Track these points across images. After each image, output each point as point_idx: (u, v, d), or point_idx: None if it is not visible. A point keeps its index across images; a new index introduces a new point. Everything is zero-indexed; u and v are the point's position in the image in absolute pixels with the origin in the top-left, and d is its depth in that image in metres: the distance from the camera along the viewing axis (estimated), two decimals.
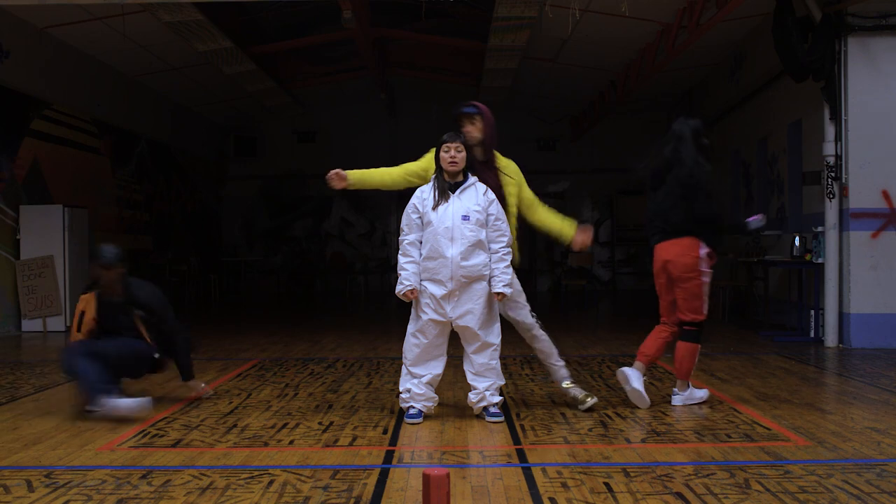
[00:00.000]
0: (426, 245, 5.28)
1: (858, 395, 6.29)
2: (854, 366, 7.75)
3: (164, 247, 16.39)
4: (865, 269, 8.90)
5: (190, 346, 6.10)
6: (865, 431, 5.02)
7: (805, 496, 3.76)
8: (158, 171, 16.26)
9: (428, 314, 5.27)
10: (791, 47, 8.98)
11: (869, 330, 8.87)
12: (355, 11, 10.77)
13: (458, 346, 5.48)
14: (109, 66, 13.29)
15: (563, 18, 10.25)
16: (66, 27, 11.26)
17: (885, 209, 8.92)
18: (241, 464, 4.40)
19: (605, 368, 7.58)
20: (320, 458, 4.52)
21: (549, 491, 3.87)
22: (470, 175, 5.38)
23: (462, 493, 3.82)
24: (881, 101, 8.95)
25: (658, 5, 10.27)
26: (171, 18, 10.74)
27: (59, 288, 11.20)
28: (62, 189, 12.23)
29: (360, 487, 3.95)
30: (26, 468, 4.35)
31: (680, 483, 3.97)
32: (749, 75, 12.13)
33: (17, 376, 7.44)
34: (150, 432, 5.14)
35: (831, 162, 9.06)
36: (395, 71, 16.60)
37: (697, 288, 5.54)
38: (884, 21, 8.91)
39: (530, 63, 14.01)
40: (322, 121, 19.59)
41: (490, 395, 5.36)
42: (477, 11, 12.03)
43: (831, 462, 4.34)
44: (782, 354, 8.43)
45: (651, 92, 15.56)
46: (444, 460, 4.44)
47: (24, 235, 11.19)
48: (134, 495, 3.84)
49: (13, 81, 10.97)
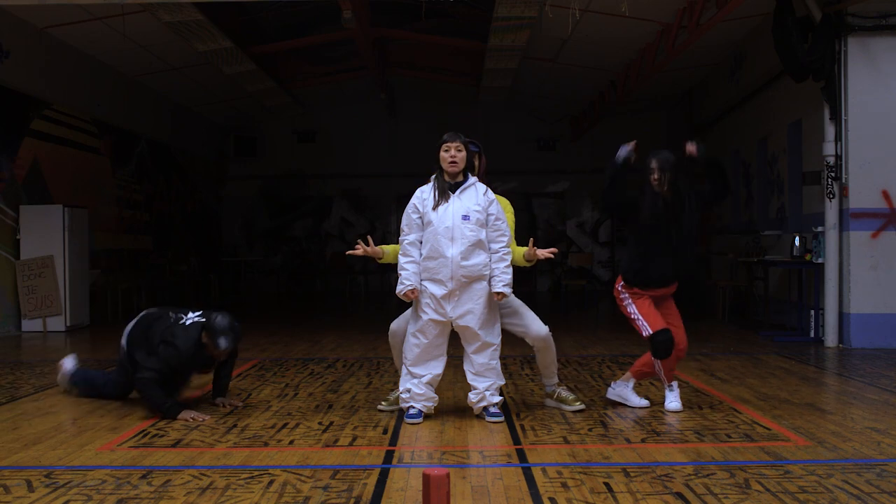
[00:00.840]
0: (426, 245, 5.29)
1: (858, 395, 6.30)
2: (854, 366, 7.76)
3: (164, 247, 16.39)
4: (865, 269, 8.91)
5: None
6: (865, 431, 5.03)
7: (805, 496, 3.76)
8: (158, 171, 16.27)
9: (428, 314, 5.27)
10: (791, 47, 8.99)
11: (869, 330, 8.88)
12: (355, 11, 10.77)
13: (458, 346, 5.49)
14: (109, 66, 13.29)
15: (563, 18, 10.25)
16: (66, 27, 11.27)
17: (885, 209, 8.93)
18: (241, 464, 4.40)
19: (605, 368, 7.58)
20: (320, 458, 4.52)
21: (549, 491, 3.87)
22: (470, 175, 5.38)
23: (462, 493, 3.83)
24: (881, 101, 8.95)
25: (658, 5, 10.27)
26: (171, 18, 10.74)
27: (58, 288, 11.20)
28: (62, 189, 12.24)
29: (360, 487, 3.95)
30: (26, 468, 4.36)
31: (680, 483, 3.97)
32: (749, 75, 12.14)
33: (17, 376, 7.44)
34: (149, 432, 5.14)
35: (831, 162, 9.06)
36: (395, 71, 16.60)
37: (625, 311, 5.68)
38: (884, 21, 8.92)
39: (530, 63, 14.01)
40: (322, 121, 19.60)
41: (490, 395, 5.37)
42: (477, 11, 12.03)
43: (831, 462, 4.34)
44: (782, 354, 8.44)
45: (651, 92, 15.56)
46: (444, 460, 4.44)
47: (24, 235, 11.20)
48: (134, 495, 3.85)
49: (13, 81, 10.98)
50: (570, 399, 5.69)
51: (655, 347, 5.52)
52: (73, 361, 6.39)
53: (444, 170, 5.31)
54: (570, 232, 19.99)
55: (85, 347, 9.77)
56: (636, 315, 5.59)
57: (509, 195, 6.25)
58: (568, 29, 10.64)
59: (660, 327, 5.50)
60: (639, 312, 5.58)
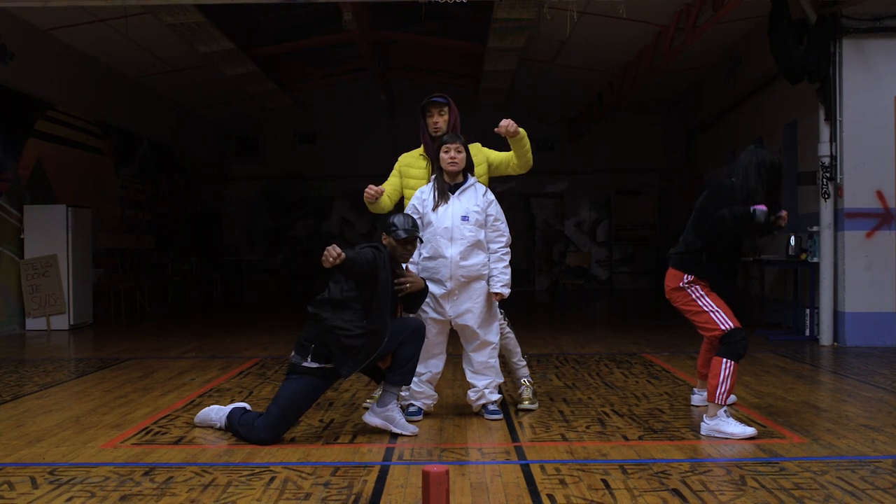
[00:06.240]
0: (427, 245, 5.33)
1: (853, 392, 6.35)
2: (849, 364, 7.81)
3: (167, 246, 16.44)
4: (860, 269, 8.96)
5: None
6: (860, 429, 5.07)
7: (800, 493, 3.79)
8: (161, 172, 16.32)
9: (427, 313, 5.33)
10: (787, 49, 9.05)
11: (863, 328, 8.93)
12: (355, 14, 10.83)
13: (458, 344, 5.53)
14: (112, 68, 13.34)
15: (561, 20, 10.30)
16: (70, 29, 11.31)
17: (879, 209, 8.98)
18: (242, 461, 4.44)
19: (603, 367, 7.63)
20: (321, 455, 4.56)
21: (547, 488, 3.90)
22: (469, 176, 5.43)
23: (461, 490, 3.86)
24: (875, 102, 9.00)
25: (655, 8, 10.31)
26: (174, 20, 10.79)
27: (62, 287, 11.26)
28: (66, 189, 12.30)
29: (361, 484, 3.99)
30: (30, 465, 4.39)
31: (676, 480, 4.01)
32: (745, 77, 12.19)
33: (22, 374, 7.49)
34: (152, 430, 5.19)
35: (826, 162, 9.12)
36: (395, 73, 16.65)
37: (694, 305, 5.17)
38: (878, 23, 8.97)
39: (529, 65, 14.06)
40: (322, 122, 19.64)
41: (489, 393, 5.41)
42: (476, 14, 12.08)
43: (826, 459, 4.38)
44: (778, 353, 8.49)
45: (648, 94, 15.62)
46: (443, 457, 4.48)
47: (28, 235, 11.26)
48: (137, 492, 3.88)
49: (17, 83, 11.03)
50: (525, 397, 5.72)
51: (736, 344, 4.95)
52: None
53: (443, 170, 5.35)
54: (568, 231, 20.05)
55: (88, 346, 9.84)
56: (712, 308, 5.04)
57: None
58: (566, 31, 10.69)
59: (738, 324, 5.05)
60: (715, 305, 5.06)
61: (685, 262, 5.18)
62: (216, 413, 5.14)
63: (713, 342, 5.19)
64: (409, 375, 5.02)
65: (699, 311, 5.11)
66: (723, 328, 5.01)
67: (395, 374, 4.97)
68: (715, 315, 5.05)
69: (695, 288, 5.13)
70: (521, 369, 5.77)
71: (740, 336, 4.98)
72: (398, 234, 4.99)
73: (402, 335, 4.96)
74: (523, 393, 5.71)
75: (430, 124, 5.56)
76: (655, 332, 10.49)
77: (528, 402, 5.68)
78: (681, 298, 5.19)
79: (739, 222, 4.92)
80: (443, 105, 5.54)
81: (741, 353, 4.95)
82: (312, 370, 4.84)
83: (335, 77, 16.45)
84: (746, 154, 5.17)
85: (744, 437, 4.81)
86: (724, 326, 5.01)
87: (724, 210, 4.97)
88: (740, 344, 4.95)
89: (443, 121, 5.53)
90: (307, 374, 4.85)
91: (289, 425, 4.93)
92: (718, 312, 5.05)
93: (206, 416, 5.20)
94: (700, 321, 5.13)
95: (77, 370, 7.84)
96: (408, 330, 5.00)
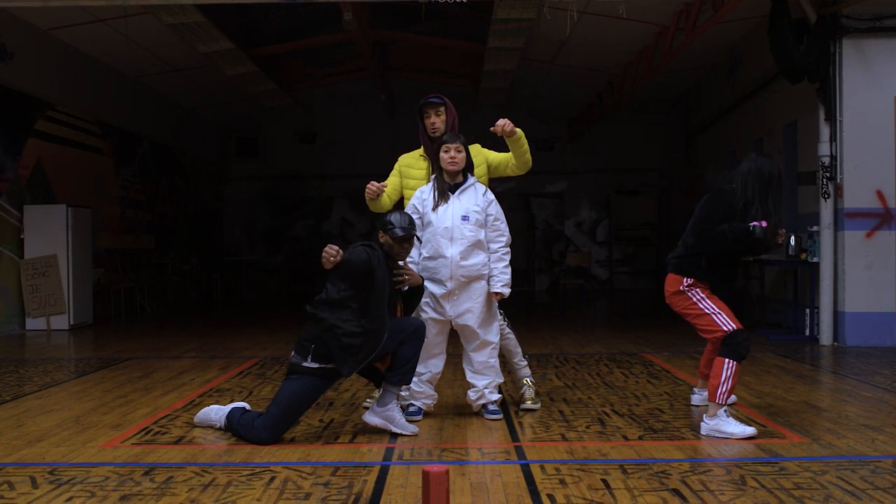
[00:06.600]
0: (427, 245, 5.34)
1: (853, 392, 6.35)
2: (849, 364, 7.81)
3: (167, 246, 16.45)
4: (860, 268, 8.97)
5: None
6: (860, 429, 5.07)
7: (800, 493, 3.79)
8: (161, 172, 16.33)
9: (427, 313, 5.33)
10: (787, 49, 9.05)
11: (863, 328, 8.94)
12: (355, 14, 10.83)
13: (458, 344, 5.54)
14: (112, 68, 13.34)
15: (561, 20, 10.30)
16: (70, 29, 11.32)
17: (879, 209, 8.99)
18: (242, 461, 4.44)
19: (603, 367, 7.64)
20: (321, 455, 4.56)
21: (547, 488, 3.91)
22: (469, 175, 5.43)
23: (461, 490, 3.86)
24: (875, 102, 9.00)
25: (655, 8, 10.32)
26: (173, 20, 10.79)
27: (62, 287, 11.27)
28: (66, 189, 12.30)
29: (361, 484, 3.99)
30: (30, 465, 4.40)
31: (676, 479, 4.01)
32: (745, 77, 12.19)
33: (22, 374, 7.49)
34: (152, 430, 5.20)
35: (826, 162, 9.12)
36: (395, 73, 16.65)
37: (695, 308, 5.15)
38: (878, 23, 8.97)
39: (529, 65, 14.06)
40: (322, 122, 19.64)
41: (489, 393, 5.42)
42: (476, 14, 12.08)
43: (826, 459, 4.38)
44: (778, 353, 8.49)
45: (648, 94, 15.62)
46: (443, 457, 4.48)
47: (28, 235, 11.26)
48: (137, 492, 3.89)
49: (17, 83, 11.04)
50: (528, 397, 5.73)
51: (739, 345, 4.95)
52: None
53: (443, 170, 5.35)
54: (568, 231, 20.05)
55: (88, 346, 9.84)
56: (713, 310, 5.04)
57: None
58: (566, 31, 10.69)
59: (740, 325, 5.04)
60: (717, 307, 5.06)
61: (685, 266, 5.19)
62: (216, 413, 5.14)
63: (716, 344, 5.19)
64: (409, 375, 5.03)
65: (701, 314, 5.11)
66: (725, 329, 5.02)
67: (395, 374, 4.98)
68: (717, 317, 5.06)
69: (695, 291, 5.13)
70: (522, 369, 5.77)
71: (743, 337, 4.98)
72: (395, 232, 4.99)
73: (402, 335, 4.96)
74: (525, 393, 5.72)
75: (428, 125, 5.56)
76: (655, 332, 10.49)
77: (530, 402, 5.68)
78: (681, 302, 5.20)
79: (739, 238, 4.97)
80: (439, 105, 5.55)
81: (743, 354, 4.96)
82: (313, 370, 4.84)
83: (335, 77, 16.46)
84: (747, 161, 5.20)
85: (744, 436, 4.82)
86: (726, 328, 5.02)
87: (725, 226, 5.01)
88: (743, 345, 4.96)
89: (440, 121, 5.53)
90: (307, 374, 4.85)
91: (289, 425, 4.93)
92: (720, 314, 5.06)
93: (205, 416, 5.20)
94: (702, 324, 5.13)
95: (77, 370, 7.85)
96: (408, 330, 5.00)
